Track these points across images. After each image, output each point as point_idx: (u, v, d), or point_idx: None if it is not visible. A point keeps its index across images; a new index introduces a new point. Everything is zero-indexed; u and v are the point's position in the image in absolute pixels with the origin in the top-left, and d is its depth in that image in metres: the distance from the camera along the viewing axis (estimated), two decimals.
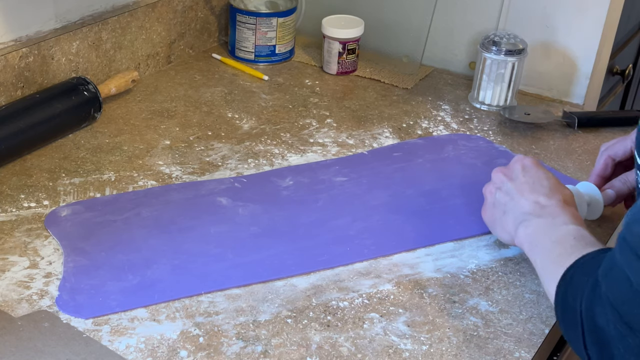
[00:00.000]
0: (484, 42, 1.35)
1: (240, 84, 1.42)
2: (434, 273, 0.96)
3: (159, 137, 1.23)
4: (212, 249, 0.98)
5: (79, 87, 1.21)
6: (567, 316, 0.71)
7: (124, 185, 1.10)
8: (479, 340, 0.86)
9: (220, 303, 0.90)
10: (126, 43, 1.36)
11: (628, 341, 0.62)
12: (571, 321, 0.70)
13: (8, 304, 0.87)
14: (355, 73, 1.48)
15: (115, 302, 0.88)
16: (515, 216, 0.91)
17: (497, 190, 0.95)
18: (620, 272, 0.63)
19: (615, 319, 0.63)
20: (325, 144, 1.24)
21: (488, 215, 0.97)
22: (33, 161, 1.14)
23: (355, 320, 0.88)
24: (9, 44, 1.18)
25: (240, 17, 1.46)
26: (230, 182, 1.12)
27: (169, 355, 0.82)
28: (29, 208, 1.04)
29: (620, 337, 0.62)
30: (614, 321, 0.63)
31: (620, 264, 0.63)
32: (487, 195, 0.97)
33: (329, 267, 0.96)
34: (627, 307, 0.61)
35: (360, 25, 1.46)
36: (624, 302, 0.62)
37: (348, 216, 1.06)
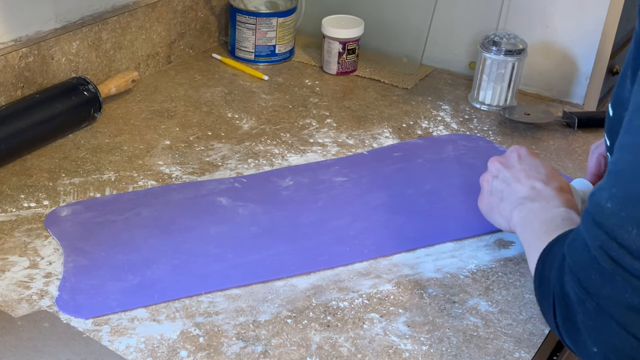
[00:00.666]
0: (484, 42, 1.35)
1: (240, 84, 1.42)
2: (434, 273, 0.96)
3: (159, 137, 1.23)
4: (212, 249, 0.98)
5: (79, 87, 1.21)
6: (542, 287, 0.73)
7: (124, 185, 1.10)
8: (479, 340, 0.86)
9: (220, 303, 0.90)
10: (126, 43, 1.36)
11: (586, 305, 0.63)
12: (545, 291, 0.72)
13: (8, 304, 0.87)
14: (355, 73, 1.48)
15: (115, 302, 0.88)
16: (512, 201, 0.92)
17: (493, 178, 0.96)
18: (581, 240, 0.65)
19: (575, 285, 0.65)
20: (325, 144, 1.24)
21: (485, 204, 0.98)
22: (33, 161, 1.14)
23: (355, 320, 0.88)
24: (9, 44, 1.18)
25: (240, 17, 1.46)
26: (230, 182, 1.12)
27: (169, 355, 0.82)
28: (29, 208, 1.04)
29: (579, 301, 0.64)
30: (574, 286, 0.65)
31: (581, 233, 0.65)
32: (484, 184, 0.98)
33: (329, 267, 0.96)
34: (584, 272, 0.64)
35: (360, 25, 1.46)
36: (582, 268, 0.64)
37: (348, 216, 1.06)
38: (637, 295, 0.60)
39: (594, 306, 0.63)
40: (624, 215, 0.60)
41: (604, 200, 0.63)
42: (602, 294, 0.62)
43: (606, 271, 0.62)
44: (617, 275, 0.61)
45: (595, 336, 0.64)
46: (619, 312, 0.61)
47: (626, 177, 0.61)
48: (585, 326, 0.65)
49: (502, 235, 1.04)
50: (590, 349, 0.65)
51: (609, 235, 0.62)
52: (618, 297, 0.61)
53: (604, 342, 0.63)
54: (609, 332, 0.62)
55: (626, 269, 0.60)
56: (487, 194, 0.97)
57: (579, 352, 0.68)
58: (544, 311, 0.73)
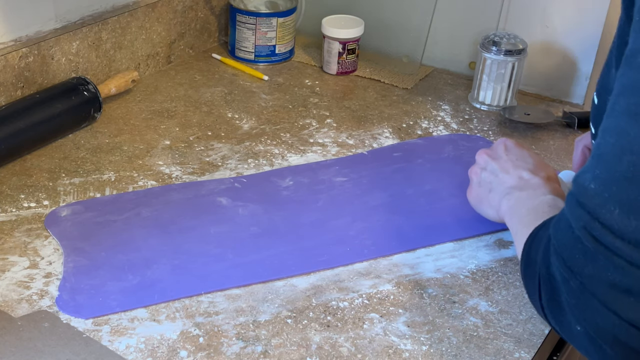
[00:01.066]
0: (484, 42, 1.35)
1: (240, 84, 1.42)
2: (434, 273, 0.96)
3: (159, 137, 1.23)
4: (212, 249, 0.98)
5: (79, 87, 1.21)
6: (528, 270, 0.74)
7: (124, 185, 1.10)
8: (479, 340, 0.87)
9: (220, 303, 0.90)
10: (126, 43, 1.36)
11: (570, 284, 0.65)
12: (531, 274, 0.73)
13: (8, 304, 0.87)
14: (355, 73, 1.48)
15: (115, 302, 0.88)
16: (500, 192, 0.94)
17: (482, 170, 0.98)
18: (565, 221, 0.66)
19: (560, 265, 0.66)
20: (325, 144, 1.24)
21: (474, 196, 1.00)
22: (33, 161, 1.14)
23: (355, 320, 0.88)
24: (9, 44, 1.19)
25: (240, 17, 1.46)
26: (230, 182, 1.12)
27: (169, 356, 0.82)
28: (29, 208, 1.04)
29: (564, 281, 0.66)
30: (559, 266, 0.66)
31: (566, 214, 0.67)
32: (473, 177, 1.00)
33: (329, 267, 0.96)
34: (568, 252, 0.65)
35: (360, 25, 1.46)
36: (566, 248, 0.65)
37: (348, 216, 1.06)
38: (618, 273, 0.61)
39: (578, 285, 0.64)
40: (607, 196, 0.61)
41: (588, 182, 0.64)
42: (585, 272, 0.63)
43: (589, 250, 0.63)
44: (600, 254, 0.62)
45: (578, 315, 0.65)
46: (601, 290, 0.62)
47: (608, 159, 0.62)
48: (569, 305, 0.66)
49: (502, 236, 1.04)
50: (573, 328, 0.66)
51: (591, 215, 0.63)
52: (600, 275, 0.62)
53: (587, 320, 0.64)
54: (592, 310, 0.63)
55: (608, 248, 0.61)
56: (476, 185, 0.99)
57: (563, 332, 0.69)
58: (530, 293, 0.74)
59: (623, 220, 0.60)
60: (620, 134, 0.62)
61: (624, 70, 0.63)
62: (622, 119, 0.62)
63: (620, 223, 0.61)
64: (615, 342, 0.63)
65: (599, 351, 0.65)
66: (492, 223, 1.00)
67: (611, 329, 0.62)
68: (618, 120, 0.62)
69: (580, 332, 0.65)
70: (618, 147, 0.62)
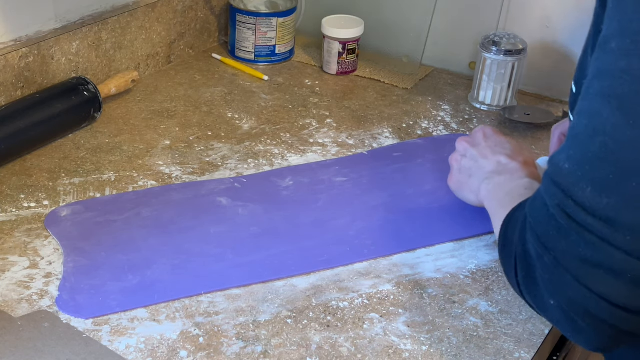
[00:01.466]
0: (484, 42, 1.35)
1: (240, 84, 1.42)
2: (434, 273, 0.96)
3: (159, 137, 1.23)
4: (212, 249, 0.98)
5: (79, 87, 1.21)
6: (505, 249, 0.76)
7: (124, 185, 1.10)
8: (479, 340, 0.87)
9: (220, 303, 0.90)
10: (126, 43, 1.36)
11: (544, 260, 0.67)
12: (508, 252, 0.75)
13: (8, 304, 0.87)
14: (355, 73, 1.48)
15: (115, 302, 0.88)
16: (479, 177, 0.98)
17: (462, 157, 1.02)
18: (541, 199, 0.69)
19: (535, 241, 0.68)
20: (325, 144, 1.24)
21: (455, 182, 1.04)
22: (33, 161, 1.14)
23: (355, 320, 0.88)
24: (9, 44, 1.19)
25: (240, 17, 1.46)
26: (230, 182, 1.12)
27: (169, 356, 0.82)
28: (29, 208, 1.04)
29: (538, 257, 0.68)
30: (534, 243, 0.68)
31: (542, 193, 0.69)
32: (453, 164, 1.04)
33: (329, 267, 0.96)
34: (543, 229, 0.67)
35: (360, 25, 1.46)
36: (541, 225, 0.68)
37: (348, 216, 1.06)
38: (589, 249, 0.63)
39: (552, 260, 0.66)
40: (580, 175, 0.64)
41: (562, 162, 0.66)
42: (558, 248, 0.65)
43: (562, 227, 0.65)
44: (572, 230, 0.64)
45: (552, 289, 0.67)
46: (573, 265, 0.64)
47: (582, 140, 0.64)
48: (543, 280, 0.68)
49: None
50: (547, 302, 0.68)
51: (565, 193, 0.65)
52: (573, 250, 0.64)
53: (560, 294, 0.66)
54: (564, 284, 0.65)
55: (580, 224, 0.63)
56: (457, 172, 1.03)
57: (538, 306, 0.71)
58: (507, 271, 0.76)
59: (595, 198, 0.62)
60: (593, 116, 0.63)
61: (598, 55, 0.64)
62: (595, 101, 0.63)
63: (592, 201, 0.62)
64: (586, 314, 0.65)
65: (572, 323, 0.67)
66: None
67: (583, 302, 0.64)
68: (591, 103, 0.64)
69: (554, 305, 0.67)
70: (591, 128, 0.63)
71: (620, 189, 0.61)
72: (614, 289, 0.63)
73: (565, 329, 0.69)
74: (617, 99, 0.62)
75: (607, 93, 0.63)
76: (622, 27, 0.62)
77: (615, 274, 0.62)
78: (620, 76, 0.62)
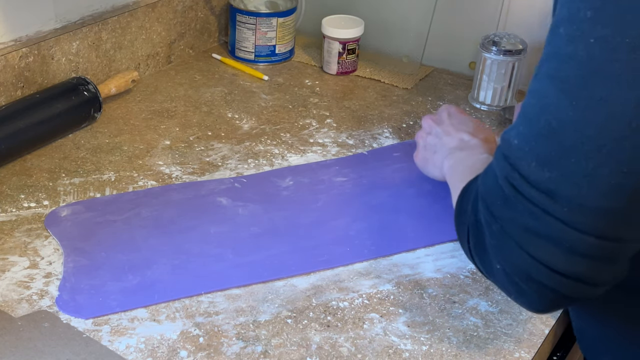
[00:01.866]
0: (484, 42, 1.35)
1: (240, 84, 1.42)
2: (434, 273, 0.96)
3: (159, 137, 1.23)
4: (212, 249, 0.98)
5: (79, 87, 1.21)
6: (460, 218, 0.81)
7: (124, 185, 1.10)
8: (479, 340, 0.87)
9: (220, 303, 0.90)
10: (126, 43, 1.36)
11: (492, 228, 0.72)
12: (462, 221, 0.80)
13: (8, 304, 0.87)
14: (355, 73, 1.48)
15: (115, 302, 0.88)
16: (443, 153, 1.04)
17: (427, 135, 1.09)
18: (492, 171, 0.73)
19: (484, 210, 0.73)
20: (325, 144, 1.24)
21: (420, 158, 1.10)
22: (33, 161, 1.14)
23: (355, 320, 0.88)
24: (9, 44, 1.19)
25: (240, 17, 1.46)
26: (230, 182, 1.12)
27: (169, 356, 0.82)
28: (29, 208, 1.04)
29: (487, 224, 0.73)
30: (484, 211, 0.73)
31: (493, 165, 0.74)
32: (419, 140, 1.11)
33: (329, 267, 0.96)
34: (491, 198, 0.72)
35: (360, 25, 1.46)
36: (490, 195, 0.72)
37: (348, 216, 1.06)
38: (532, 218, 0.68)
39: (498, 228, 0.71)
40: (527, 150, 0.68)
41: (512, 137, 0.70)
42: (504, 216, 0.70)
43: (509, 197, 0.70)
44: (517, 201, 0.69)
45: (498, 255, 0.72)
46: (517, 232, 0.69)
47: (530, 117, 0.69)
48: (491, 246, 0.72)
49: None
50: (494, 266, 0.73)
51: (512, 166, 0.69)
52: (517, 219, 0.69)
53: (505, 259, 0.71)
54: (509, 250, 0.70)
55: (524, 196, 0.68)
56: (422, 149, 1.10)
57: (486, 270, 0.76)
58: (460, 239, 0.81)
59: (538, 172, 0.67)
60: (541, 96, 0.68)
61: (549, 39, 0.68)
62: (543, 82, 0.68)
63: (536, 174, 0.67)
64: (528, 279, 0.70)
65: (515, 286, 0.72)
66: None
67: (525, 267, 0.69)
68: (540, 83, 0.68)
69: (499, 270, 0.72)
70: (538, 107, 0.68)
71: (561, 165, 0.66)
72: (552, 256, 0.67)
73: (509, 292, 0.73)
74: (562, 81, 0.66)
75: (553, 75, 0.66)
76: (571, 14, 0.65)
77: (554, 242, 0.67)
78: (566, 60, 0.65)
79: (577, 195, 0.65)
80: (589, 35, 0.64)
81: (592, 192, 0.65)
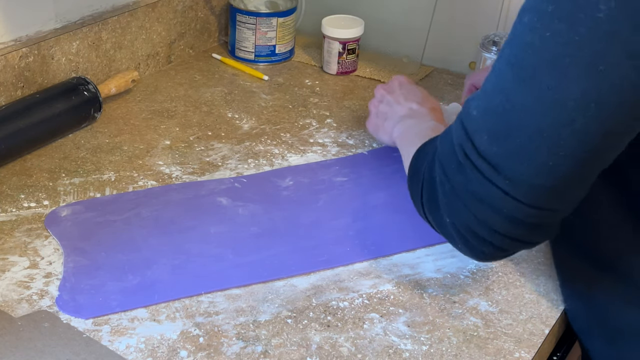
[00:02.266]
0: (484, 42, 1.35)
1: (240, 84, 1.42)
2: (434, 273, 0.96)
3: (159, 137, 1.23)
4: (212, 249, 0.98)
5: (79, 87, 1.21)
6: (414, 177, 0.87)
7: (124, 185, 1.10)
8: (479, 340, 0.87)
9: (220, 303, 0.90)
10: (126, 43, 1.36)
11: (445, 187, 0.79)
12: (416, 180, 0.86)
13: (8, 304, 0.87)
14: (355, 73, 1.48)
15: (115, 302, 0.88)
16: (394, 120, 1.10)
17: (379, 103, 1.15)
18: (450, 135, 0.80)
19: (439, 169, 0.80)
20: (325, 144, 1.24)
21: (372, 125, 1.16)
22: (33, 161, 1.14)
23: (355, 320, 0.88)
24: (9, 44, 1.19)
25: (240, 17, 1.46)
26: (230, 182, 1.12)
27: (169, 355, 0.82)
28: (29, 208, 1.04)
29: (441, 183, 0.80)
30: (438, 171, 0.80)
31: (452, 130, 0.79)
32: (372, 108, 1.17)
33: (329, 267, 0.96)
34: (446, 161, 0.79)
35: (360, 25, 1.46)
36: (445, 157, 0.79)
37: (348, 216, 1.06)
38: (478, 186, 0.75)
39: (450, 188, 0.78)
40: (481, 123, 0.74)
41: (472, 108, 0.76)
42: (455, 179, 0.77)
43: (460, 163, 0.76)
44: (467, 167, 0.76)
45: (448, 211, 0.79)
46: (464, 195, 0.77)
47: (489, 94, 0.74)
48: (442, 203, 0.80)
49: None
50: (444, 220, 0.80)
51: (467, 135, 0.76)
52: (465, 184, 0.76)
53: (454, 215, 0.79)
54: (458, 209, 0.78)
55: (473, 164, 0.75)
56: (374, 116, 1.16)
57: (436, 223, 0.83)
58: (413, 195, 0.87)
59: (488, 145, 0.73)
60: (499, 76, 0.73)
61: (515, 24, 0.72)
62: (502, 64, 0.73)
63: (486, 147, 0.74)
64: (473, 234, 0.78)
65: (462, 238, 0.79)
66: None
67: (470, 225, 0.77)
68: (501, 64, 0.73)
69: (449, 223, 0.80)
70: (497, 86, 0.73)
71: (507, 143, 0.72)
72: (493, 220, 0.76)
73: (455, 242, 0.81)
74: (518, 67, 0.71)
75: (512, 60, 0.71)
76: (536, 4, 0.69)
77: (495, 208, 0.75)
78: (524, 48, 0.70)
79: (518, 172, 0.72)
80: (547, 28, 0.68)
81: (531, 170, 0.72)
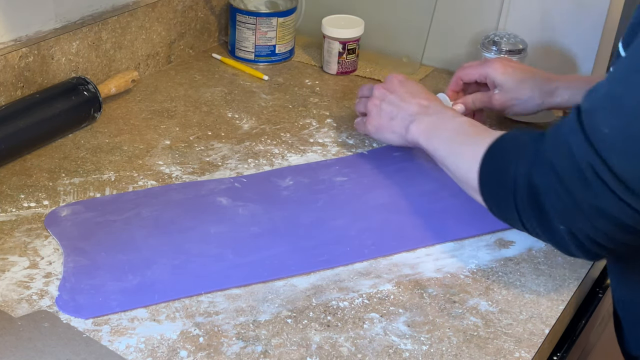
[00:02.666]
0: (484, 42, 1.35)
1: (240, 84, 1.42)
2: (434, 273, 0.96)
3: (159, 137, 1.23)
4: (212, 249, 0.98)
5: (79, 87, 1.21)
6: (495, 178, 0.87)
7: (124, 185, 1.10)
8: (479, 340, 0.87)
9: (220, 303, 0.90)
10: (126, 43, 1.36)
11: (562, 198, 0.78)
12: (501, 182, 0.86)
13: (8, 304, 0.87)
14: (355, 73, 1.48)
15: (115, 302, 0.88)
16: (404, 118, 1.09)
17: (381, 102, 1.14)
18: (568, 149, 0.78)
19: (554, 180, 0.79)
20: (325, 144, 1.24)
21: (374, 125, 1.14)
22: (33, 161, 1.14)
23: (355, 320, 0.88)
24: (9, 44, 1.19)
25: (240, 17, 1.46)
26: (230, 182, 1.12)
27: (169, 355, 0.82)
28: (29, 208, 1.04)
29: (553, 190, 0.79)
30: (553, 182, 0.79)
31: (569, 143, 0.78)
32: (372, 108, 1.15)
33: (329, 267, 0.96)
34: (567, 174, 0.77)
35: (360, 25, 1.46)
36: (567, 172, 0.78)
37: (348, 216, 1.06)
38: (608, 204, 0.75)
39: (571, 202, 0.78)
40: (619, 146, 0.73)
41: (602, 124, 0.74)
42: (579, 193, 0.77)
43: (587, 179, 0.76)
44: (596, 185, 0.75)
45: (563, 218, 0.80)
46: (589, 210, 0.77)
47: (628, 112, 0.71)
48: (555, 209, 0.80)
49: (503, 235, 1.04)
50: (556, 226, 0.81)
51: (598, 155, 0.74)
52: (592, 199, 0.76)
53: (572, 224, 0.79)
54: (577, 218, 0.78)
55: (606, 184, 0.74)
56: (376, 116, 1.14)
57: (543, 228, 0.83)
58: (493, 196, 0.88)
59: (627, 168, 0.72)
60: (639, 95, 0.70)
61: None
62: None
63: (623, 169, 0.73)
64: (591, 241, 0.79)
65: (577, 243, 0.80)
66: (492, 223, 0.99)
67: (590, 234, 0.79)
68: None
69: (563, 230, 0.80)
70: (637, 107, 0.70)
71: None
72: (619, 234, 0.77)
73: (568, 246, 0.82)
74: None
75: None
76: None
77: (623, 225, 0.76)
78: None
79: None
80: None
81: None
